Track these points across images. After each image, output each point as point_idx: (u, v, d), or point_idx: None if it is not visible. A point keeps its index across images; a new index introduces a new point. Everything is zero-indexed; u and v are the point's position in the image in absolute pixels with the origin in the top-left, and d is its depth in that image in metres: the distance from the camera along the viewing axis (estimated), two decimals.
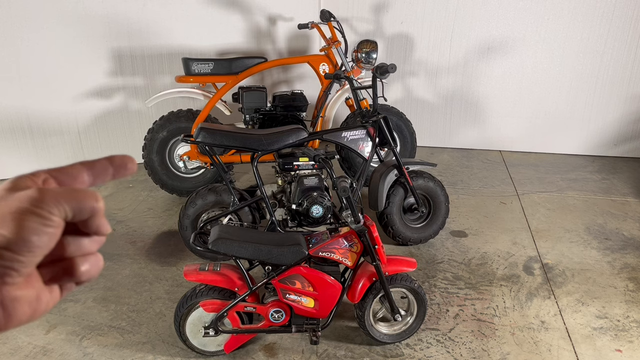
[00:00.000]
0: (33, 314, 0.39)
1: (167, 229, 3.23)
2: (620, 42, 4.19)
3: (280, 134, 2.52)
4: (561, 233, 3.18)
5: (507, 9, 4.23)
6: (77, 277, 0.41)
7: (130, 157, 0.44)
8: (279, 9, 4.26)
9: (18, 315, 0.38)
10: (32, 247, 0.36)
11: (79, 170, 0.42)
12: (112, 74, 4.00)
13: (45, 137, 3.98)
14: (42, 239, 0.36)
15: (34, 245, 0.36)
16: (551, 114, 4.49)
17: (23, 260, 0.36)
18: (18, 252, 0.36)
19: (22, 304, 0.38)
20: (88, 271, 0.42)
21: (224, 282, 1.98)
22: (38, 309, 0.39)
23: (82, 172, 0.42)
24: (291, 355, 2.14)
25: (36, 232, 0.36)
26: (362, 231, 1.97)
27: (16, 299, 0.37)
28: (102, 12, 3.82)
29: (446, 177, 4.06)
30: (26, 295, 0.38)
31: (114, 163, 0.43)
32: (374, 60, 3.42)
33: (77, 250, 0.42)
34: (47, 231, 0.36)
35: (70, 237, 0.41)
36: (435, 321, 2.37)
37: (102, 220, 0.40)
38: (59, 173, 0.41)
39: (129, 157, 0.44)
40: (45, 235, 0.36)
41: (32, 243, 0.36)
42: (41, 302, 0.39)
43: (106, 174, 0.43)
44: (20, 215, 0.36)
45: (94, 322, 2.36)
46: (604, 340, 2.25)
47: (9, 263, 0.35)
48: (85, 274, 0.42)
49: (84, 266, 0.42)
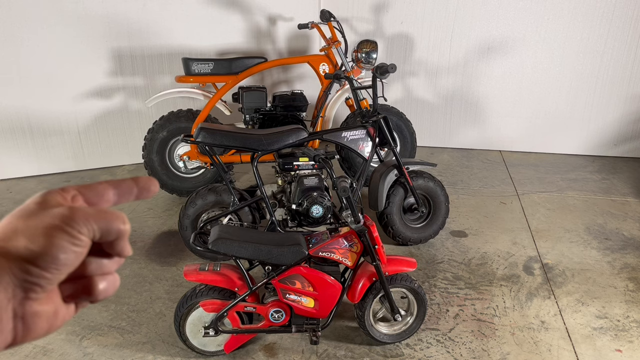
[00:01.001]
0: (49, 328, 0.40)
1: (167, 229, 3.23)
2: (620, 42, 4.19)
3: (280, 134, 2.52)
4: (561, 233, 3.18)
5: (507, 9, 4.23)
6: (94, 295, 0.42)
7: (154, 180, 0.46)
8: (279, 9, 4.26)
9: (36, 330, 0.38)
10: (59, 264, 0.37)
11: (105, 189, 0.43)
12: (112, 74, 4.00)
13: (45, 137, 3.98)
14: (69, 256, 0.37)
15: (61, 262, 0.37)
16: (551, 114, 4.49)
17: (49, 277, 0.37)
18: (45, 269, 0.36)
19: (42, 319, 0.38)
20: (105, 290, 0.43)
21: (224, 282, 1.98)
22: (54, 324, 0.40)
23: (109, 190, 0.43)
24: (291, 355, 2.15)
25: (64, 250, 0.37)
26: (362, 231, 1.97)
27: (36, 314, 0.38)
28: (102, 12, 3.82)
29: (446, 177, 4.06)
30: (46, 310, 0.39)
31: (139, 184, 0.45)
32: (374, 60, 3.42)
33: (97, 270, 0.42)
34: (74, 250, 0.37)
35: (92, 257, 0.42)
36: (435, 321, 2.37)
37: (126, 242, 0.41)
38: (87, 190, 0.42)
39: (153, 180, 0.45)
40: (72, 254, 0.37)
41: (59, 260, 0.37)
42: (58, 318, 0.40)
43: (130, 194, 0.44)
44: (51, 232, 0.37)
45: (94, 322, 2.36)
46: (604, 340, 2.25)
47: (35, 279, 0.36)
48: (102, 293, 0.43)
49: (101, 285, 0.43)
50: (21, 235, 0.37)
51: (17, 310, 0.37)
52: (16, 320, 0.37)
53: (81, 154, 4.14)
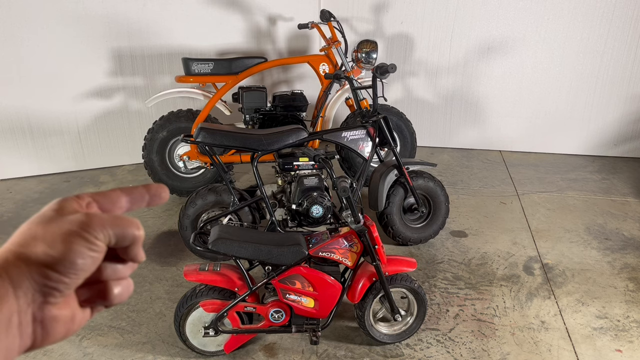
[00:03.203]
0: (66, 333, 0.41)
1: (167, 229, 3.23)
2: (620, 42, 4.19)
3: (280, 134, 2.52)
4: (561, 233, 3.18)
5: (507, 9, 4.23)
6: (109, 300, 0.43)
7: (165, 187, 0.47)
8: (279, 9, 4.26)
9: (54, 334, 0.39)
10: (77, 269, 0.38)
11: (118, 196, 0.44)
12: (112, 74, 4.00)
13: (45, 137, 3.98)
14: (87, 262, 0.38)
15: (79, 267, 0.38)
16: (551, 114, 4.49)
17: (67, 282, 0.38)
18: (64, 274, 0.37)
19: (60, 323, 0.39)
20: (120, 295, 0.44)
21: (224, 282, 1.98)
22: (71, 329, 0.41)
23: (122, 197, 0.45)
24: (291, 355, 2.14)
25: (82, 255, 0.38)
26: (362, 231, 1.97)
27: (55, 319, 0.39)
28: (102, 12, 3.82)
29: (446, 177, 4.06)
30: (64, 315, 0.40)
31: (150, 192, 0.46)
32: (374, 60, 3.42)
33: (112, 275, 0.44)
34: (91, 255, 0.38)
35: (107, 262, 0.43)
36: (435, 321, 2.36)
37: (140, 248, 0.43)
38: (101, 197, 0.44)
39: (164, 187, 0.47)
40: (89, 259, 0.38)
41: (77, 265, 0.38)
42: (75, 322, 0.41)
43: (142, 201, 0.46)
44: (69, 238, 0.38)
45: (94, 322, 2.36)
46: (604, 340, 2.25)
47: (54, 284, 0.37)
48: (117, 298, 0.44)
49: (116, 289, 0.44)
50: (40, 241, 0.38)
51: (37, 315, 0.38)
52: (35, 324, 0.38)
53: (81, 154, 4.14)
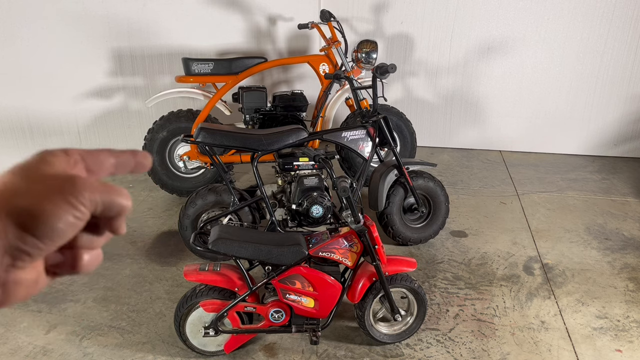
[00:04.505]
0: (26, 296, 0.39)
1: (167, 229, 3.23)
2: (620, 42, 4.19)
3: (280, 134, 2.52)
4: (561, 233, 3.18)
5: (507, 9, 4.23)
6: (78, 269, 0.41)
7: (149, 155, 0.45)
8: (279, 9, 4.26)
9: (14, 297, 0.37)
10: (56, 235, 0.36)
11: (106, 157, 0.42)
12: (112, 74, 4.00)
13: (45, 137, 3.98)
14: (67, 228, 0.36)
15: (58, 233, 0.36)
16: (551, 114, 4.49)
17: (42, 247, 0.36)
18: (40, 238, 0.35)
19: (22, 287, 0.38)
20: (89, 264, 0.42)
21: (224, 282, 1.98)
22: (31, 293, 0.39)
23: (110, 159, 0.42)
24: (291, 355, 2.14)
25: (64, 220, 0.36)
26: (362, 231, 1.97)
27: (18, 282, 0.37)
28: (102, 12, 3.82)
29: (446, 177, 4.06)
30: (28, 279, 0.38)
31: (136, 157, 0.44)
32: (374, 60, 3.42)
33: (87, 244, 0.41)
34: (73, 222, 0.36)
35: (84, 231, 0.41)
36: (435, 321, 2.36)
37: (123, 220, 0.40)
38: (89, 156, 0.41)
39: (148, 155, 0.45)
40: (71, 225, 0.36)
41: (57, 231, 0.35)
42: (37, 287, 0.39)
43: (127, 166, 0.44)
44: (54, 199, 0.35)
45: (94, 322, 2.36)
46: (604, 340, 2.25)
47: (28, 248, 0.35)
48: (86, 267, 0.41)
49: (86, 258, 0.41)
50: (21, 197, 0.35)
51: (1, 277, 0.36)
52: None
53: None
